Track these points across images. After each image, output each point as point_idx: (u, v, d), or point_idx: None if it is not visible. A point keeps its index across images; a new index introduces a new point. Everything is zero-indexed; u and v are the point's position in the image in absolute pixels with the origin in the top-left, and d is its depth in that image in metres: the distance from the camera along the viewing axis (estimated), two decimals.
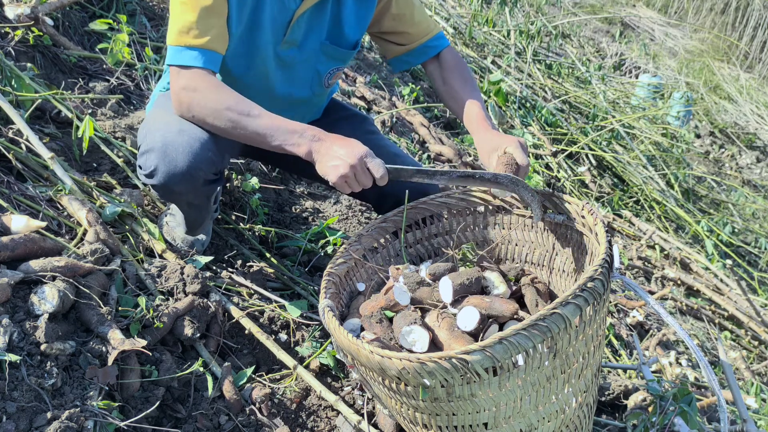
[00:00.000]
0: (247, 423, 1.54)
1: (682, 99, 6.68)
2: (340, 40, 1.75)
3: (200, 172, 1.57)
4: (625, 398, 1.92)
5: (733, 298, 3.74)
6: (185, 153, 1.53)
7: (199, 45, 1.51)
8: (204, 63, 1.51)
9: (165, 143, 1.54)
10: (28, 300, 1.40)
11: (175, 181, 1.56)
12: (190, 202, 1.74)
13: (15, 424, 1.20)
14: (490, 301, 1.35)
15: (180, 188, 1.59)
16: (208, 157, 1.56)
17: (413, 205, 1.73)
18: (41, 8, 2.46)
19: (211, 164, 1.58)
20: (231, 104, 1.50)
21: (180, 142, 1.54)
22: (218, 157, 1.61)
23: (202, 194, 1.70)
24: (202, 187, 1.63)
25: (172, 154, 1.54)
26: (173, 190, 1.61)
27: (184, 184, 1.57)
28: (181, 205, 1.81)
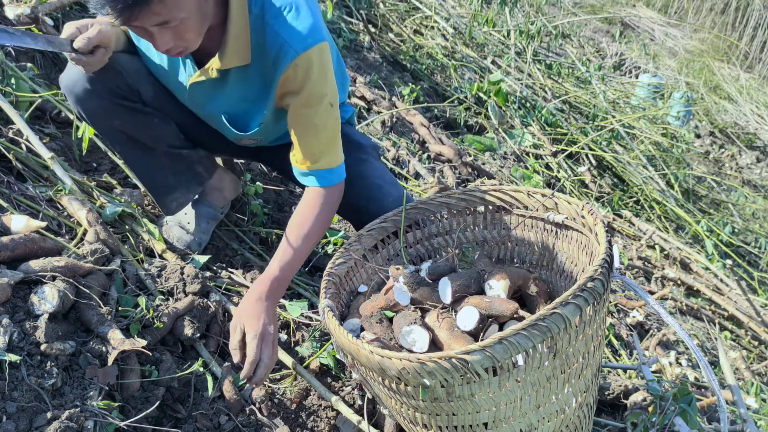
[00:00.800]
0: (247, 423, 1.54)
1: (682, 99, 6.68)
2: (238, 122, 1.73)
3: (96, 75, 1.60)
4: (625, 398, 1.92)
5: (733, 298, 3.74)
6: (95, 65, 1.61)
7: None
8: None
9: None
10: (28, 300, 1.40)
11: (73, 80, 1.63)
12: (113, 125, 1.74)
13: (15, 424, 1.20)
14: (489, 301, 1.35)
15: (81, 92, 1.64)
16: (107, 64, 1.60)
17: (413, 205, 1.73)
18: (41, 8, 2.46)
19: (108, 71, 1.61)
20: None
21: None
22: (122, 71, 1.64)
23: (114, 110, 1.69)
24: (104, 94, 1.65)
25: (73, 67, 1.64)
26: (78, 95, 1.65)
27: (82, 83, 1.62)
28: (107, 131, 1.78)
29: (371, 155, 1.94)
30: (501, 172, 3.86)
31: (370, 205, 1.80)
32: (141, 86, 1.71)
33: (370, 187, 1.83)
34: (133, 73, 1.69)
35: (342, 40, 4.35)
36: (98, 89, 1.64)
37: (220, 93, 1.65)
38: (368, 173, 1.87)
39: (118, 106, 1.68)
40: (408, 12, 5.37)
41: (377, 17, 5.04)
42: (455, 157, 3.51)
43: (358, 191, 1.81)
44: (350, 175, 1.79)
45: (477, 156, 3.92)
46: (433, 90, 4.64)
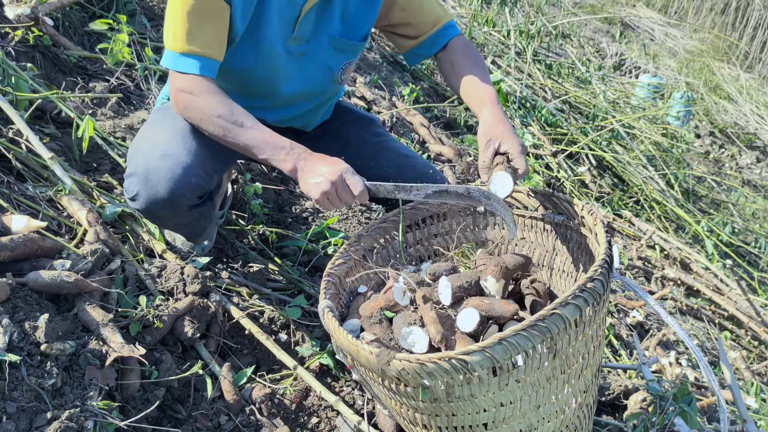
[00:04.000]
0: (247, 423, 1.54)
1: (682, 99, 6.68)
2: (350, 32, 1.72)
3: (183, 198, 1.57)
4: (625, 398, 1.92)
5: (733, 298, 3.74)
6: (166, 180, 1.54)
7: (196, 52, 1.51)
8: (200, 70, 1.52)
9: (147, 169, 1.55)
10: (28, 300, 1.40)
11: (157, 208, 1.57)
12: (178, 224, 1.73)
13: (15, 424, 1.20)
14: (489, 302, 1.35)
15: (163, 213, 1.60)
16: (191, 182, 1.56)
17: (413, 205, 1.73)
18: (41, 8, 2.46)
19: (194, 189, 1.58)
20: (223, 113, 1.51)
21: (162, 168, 1.54)
22: (202, 180, 1.60)
23: (189, 217, 1.68)
24: (186, 211, 1.63)
25: (153, 179, 1.54)
26: (157, 215, 1.61)
27: (166, 210, 1.58)
28: (168, 227, 1.81)
29: (381, 127, 1.99)
30: None
31: (404, 172, 1.79)
32: (212, 183, 1.69)
33: (398, 157, 1.84)
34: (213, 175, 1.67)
35: None
36: (182, 208, 1.60)
37: (328, 12, 1.65)
38: (391, 144, 1.90)
39: (190, 213, 1.66)
40: None
41: None
42: (455, 157, 3.51)
43: (389, 163, 1.82)
44: (375, 149, 1.83)
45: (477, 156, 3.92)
46: (433, 90, 4.64)
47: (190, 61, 1.52)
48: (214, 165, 1.66)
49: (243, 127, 1.50)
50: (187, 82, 1.52)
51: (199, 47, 1.51)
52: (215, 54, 1.55)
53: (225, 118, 1.50)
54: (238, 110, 1.53)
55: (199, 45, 1.51)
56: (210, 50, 1.53)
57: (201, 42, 1.51)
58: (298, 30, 1.64)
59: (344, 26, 1.71)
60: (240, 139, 1.50)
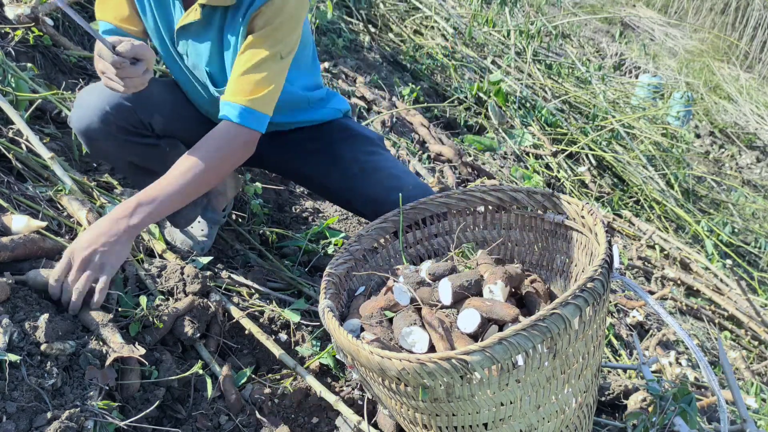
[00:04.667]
0: (247, 423, 1.54)
1: (682, 99, 6.68)
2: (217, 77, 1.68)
3: (109, 115, 1.61)
4: (625, 398, 1.92)
5: (733, 298, 3.74)
6: (95, 94, 1.64)
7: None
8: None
9: (82, 92, 1.68)
10: (28, 300, 1.40)
11: (86, 121, 1.63)
12: (125, 159, 1.76)
13: (15, 424, 1.20)
14: (491, 304, 1.35)
15: (94, 133, 1.64)
16: (119, 102, 1.62)
17: (413, 205, 1.73)
18: (41, 8, 2.46)
19: (122, 110, 1.63)
20: None
21: (94, 88, 1.65)
22: (135, 107, 1.64)
23: (127, 147, 1.70)
24: (117, 134, 1.65)
25: (85, 98, 1.65)
26: (90, 136, 1.66)
27: (96, 125, 1.63)
28: (118, 164, 1.82)
29: (380, 147, 1.94)
30: (501, 172, 3.86)
31: (391, 194, 1.76)
32: (152, 118, 1.72)
33: (387, 177, 1.82)
34: (145, 107, 1.69)
35: (342, 40, 4.34)
36: (111, 130, 1.64)
37: (203, 39, 1.63)
38: (382, 164, 1.86)
39: (130, 143, 1.70)
40: (408, 12, 5.37)
41: (377, 17, 5.04)
42: (455, 157, 3.51)
43: (375, 183, 1.80)
44: (365, 168, 1.81)
45: (477, 156, 3.92)
46: (433, 90, 4.64)
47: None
48: (147, 104, 1.69)
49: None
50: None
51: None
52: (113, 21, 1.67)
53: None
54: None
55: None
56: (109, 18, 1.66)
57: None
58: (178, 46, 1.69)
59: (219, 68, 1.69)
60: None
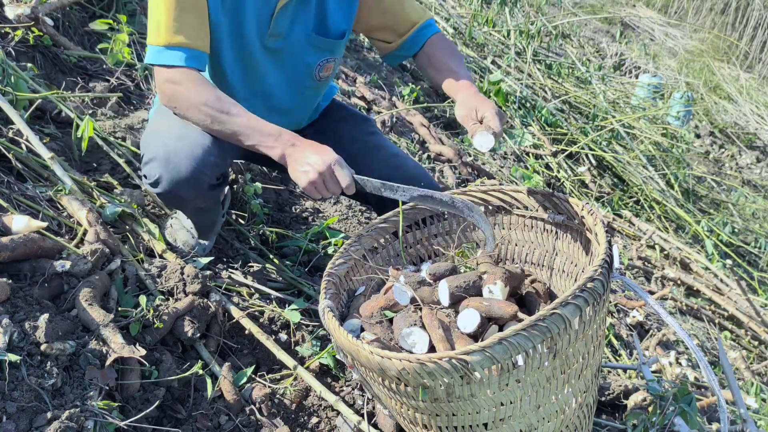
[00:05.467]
0: (247, 423, 1.54)
1: (682, 99, 6.68)
2: (327, 30, 1.73)
3: (204, 176, 1.59)
4: (625, 398, 1.92)
5: (733, 298, 3.74)
6: (188, 159, 1.55)
7: (182, 44, 1.52)
8: (186, 61, 1.53)
9: (167, 151, 1.56)
10: (28, 300, 1.40)
11: (179, 188, 1.58)
12: (197, 207, 1.75)
13: (15, 424, 1.20)
14: (489, 303, 1.35)
15: (185, 194, 1.61)
16: (211, 161, 1.58)
17: (413, 205, 1.73)
18: (41, 8, 2.46)
19: (214, 168, 1.60)
20: (210, 100, 1.52)
21: (182, 149, 1.55)
22: (221, 160, 1.62)
23: (208, 198, 1.72)
24: (207, 191, 1.65)
25: (174, 161, 1.55)
26: (179, 197, 1.63)
27: (188, 190, 1.59)
28: (188, 212, 1.82)
29: (375, 126, 1.98)
30: (501, 172, 3.86)
31: (394, 172, 1.78)
32: (228, 164, 1.73)
33: (389, 156, 1.84)
34: (228, 157, 1.69)
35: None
36: (203, 189, 1.63)
37: (304, 9, 1.66)
38: (383, 143, 1.90)
39: (210, 195, 1.70)
40: None
41: None
42: (455, 157, 3.51)
43: (379, 161, 1.81)
44: (367, 147, 1.83)
45: (477, 156, 3.92)
46: (433, 90, 4.64)
47: (176, 54, 1.52)
48: (227, 147, 1.67)
49: (230, 114, 1.52)
50: (173, 73, 1.53)
51: (185, 38, 1.52)
52: (200, 45, 1.56)
53: (211, 105, 1.52)
54: (225, 98, 1.54)
55: (184, 36, 1.52)
56: (194, 41, 1.54)
57: (185, 33, 1.52)
58: (273, 26, 1.65)
59: (320, 23, 1.72)
60: (227, 126, 1.52)
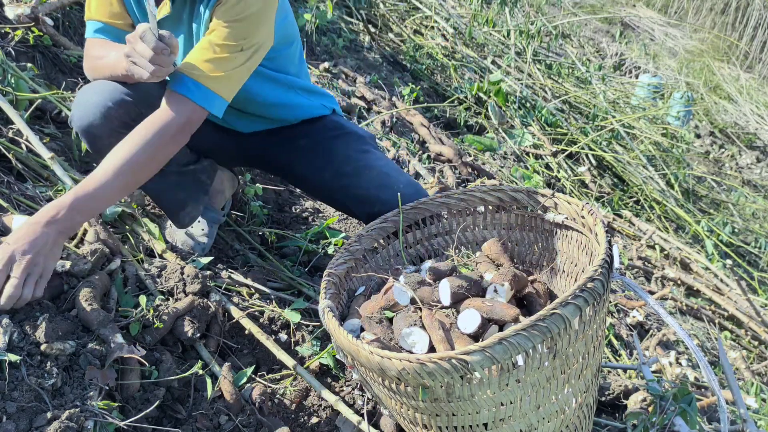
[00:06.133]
0: (247, 423, 1.54)
1: (682, 99, 6.68)
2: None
3: (111, 110, 1.59)
4: (625, 398, 1.92)
5: (733, 298, 3.74)
6: (96, 92, 1.61)
7: (91, 18, 1.70)
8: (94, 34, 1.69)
9: (81, 91, 1.65)
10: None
11: (88, 119, 1.60)
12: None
13: (15, 424, 1.20)
14: (491, 304, 1.35)
15: (97, 130, 1.61)
16: (120, 97, 1.59)
17: (413, 205, 1.73)
18: (41, 8, 2.46)
19: (123, 104, 1.60)
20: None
21: (93, 86, 1.63)
22: (136, 101, 1.62)
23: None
24: (120, 129, 1.61)
25: (85, 96, 1.62)
26: (92, 133, 1.62)
27: (98, 121, 1.59)
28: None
29: (371, 145, 1.94)
30: (501, 172, 3.86)
31: (381, 193, 1.76)
32: (152, 112, 1.70)
33: (378, 176, 1.81)
34: (145, 100, 1.68)
35: (342, 40, 4.35)
36: (114, 125, 1.62)
37: (177, 33, 1.65)
38: (374, 162, 1.85)
39: (120, 135, 1.66)
40: (408, 12, 5.37)
41: (377, 17, 5.04)
42: (455, 157, 3.51)
43: (367, 181, 1.79)
44: (356, 166, 1.80)
45: (477, 156, 3.92)
46: (433, 90, 4.64)
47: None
48: (145, 94, 1.67)
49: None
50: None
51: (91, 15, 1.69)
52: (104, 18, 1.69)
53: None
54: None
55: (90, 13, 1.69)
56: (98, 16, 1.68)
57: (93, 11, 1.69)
58: None
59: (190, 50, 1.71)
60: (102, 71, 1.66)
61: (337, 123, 1.97)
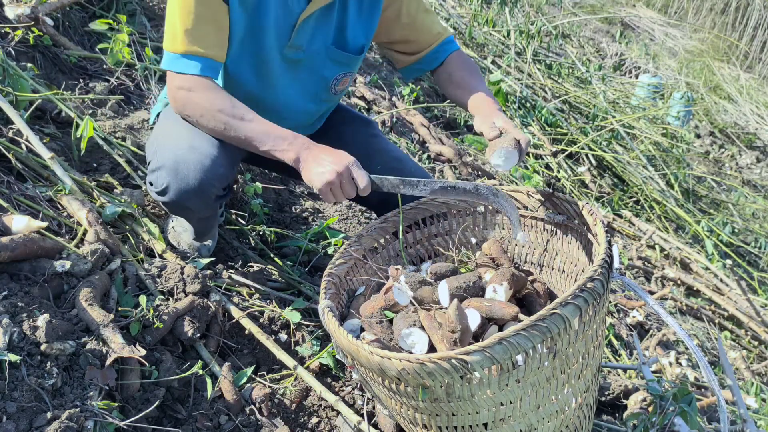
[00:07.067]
0: (247, 423, 1.54)
1: (682, 99, 6.67)
2: (346, 44, 1.72)
3: (212, 188, 1.59)
4: (625, 398, 1.92)
5: (733, 298, 3.74)
6: (197, 170, 1.54)
7: (198, 53, 1.52)
8: (201, 71, 1.52)
9: (176, 161, 1.55)
10: (28, 300, 1.40)
11: (186, 198, 1.58)
12: (201, 217, 1.75)
13: (15, 424, 1.20)
14: (490, 304, 1.35)
15: (192, 205, 1.61)
16: (220, 173, 1.58)
17: (413, 205, 1.73)
18: (41, 8, 2.46)
19: (222, 179, 1.60)
20: (224, 107, 1.52)
21: (191, 160, 1.55)
22: (229, 170, 1.62)
23: (213, 208, 1.72)
24: (213, 202, 1.65)
25: (183, 171, 1.55)
26: (185, 207, 1.63)
27: (195, 200, 1.59)
28: (191, 220, 1.81)
29: (378, 129, 1.98)
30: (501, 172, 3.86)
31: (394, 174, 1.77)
32: (235, 174, 1.76)
33: (390, 160, 1.84)
34: (234, 166, 1.70)
35: None
36: (210, 200, 1.62)
37: (325, 22, 1.65)
38: (385, 146, 1.89)
39: (212, 204, 1.68)
40: None
41: None
42: (455, 157, 3.51)
43: (382, 164, 1.81)
44: (369, 151, 1.82)
45: (477, 156, 3.92)
46: (433, 90, 4.64)
47: (191, 63, 1.52)
48: (234, 155, 1.68)
49: (243, 120, 1.51)
50: (186, 80, 1.53)
51: (201, 48, 1.51)
52: (216, 54, 1.55)
53: (225, 112, 1.51)
54: (238, 104, 1.53)
55: (200, 46, 1.51)
56: (211, 51, 1.53)
57: (202, 43, 1.51)
58: (294, 38, 1.64)
59: (340, 36, 1.71)
60: (241, 132, 1.51)
61: (343, 108, 2.01)
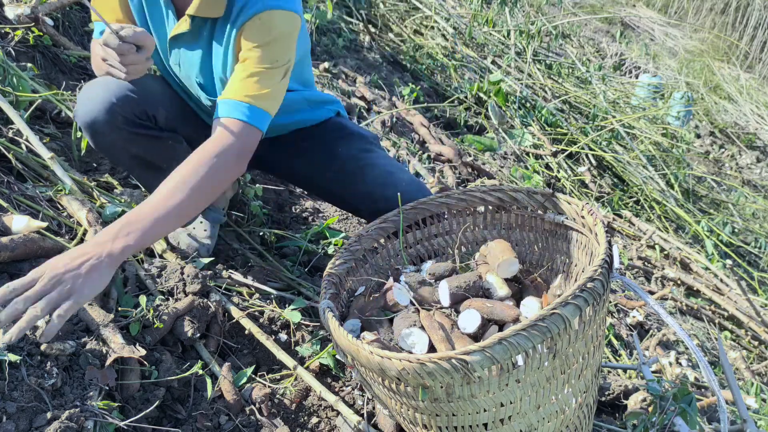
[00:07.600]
0: (247, 423, 1.54)
1: (682, 99, 6.68)
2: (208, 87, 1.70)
3: (115, 106, 1.60)
4: (625, 398, 1.92)
5: (733, 298, 3.74)
6: (101, 87, 1.62)
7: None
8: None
9: (87, 86, 1.66)
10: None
11: (92, 115, 1.61)
12: (130, 153, 1.72)
13: (15, 424, 1.20)
14: (491, 305, 1.35)
15: (100, 126, 1.62)
16: (125, 94, 1.61)
17: (413, 205, 1.73)
18: (41, 8, 2.46)
19: (128, 101, 1.62)
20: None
21: (98, 82, 1.64)
22: (140, 99, 1.64)
23: (132, 139, 1.68)
24: (123, 125, 1.63)
25: (90, 91, 1.63)
26: (96, 129, 1.63)
27: (102, 116, 1.61)
28: (122, 159, 1.77)
29: (374, 144, 1.97)
30: (501, 172, 3.86)
31: (386, 190, 1.78)
32: (157, 111, 1.72)
33: (381, 174, 1.83)
34: (149, 98, 1.69)
35: (342, 40, 4.35)
36: (117, 121, 1.63)
37: (194, 48, 1.66)
38: (377, 161, 1.88)
39: (135, 135, 1.69)
40: (408, 12, 5.38)
41: (377, 17, 5.04)
42: (455, 157, 3.51)
43: (371, 179, 1.81)
44: (359, 165, 1.82)
45: (477, 156, 3.92)
46: (433, 90, 4.64)
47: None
48: (153, 95, 1.70)
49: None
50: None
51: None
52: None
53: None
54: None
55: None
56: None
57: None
58: (171, 58, 1.71)
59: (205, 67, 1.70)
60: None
61: (340, 124, 1.99)
